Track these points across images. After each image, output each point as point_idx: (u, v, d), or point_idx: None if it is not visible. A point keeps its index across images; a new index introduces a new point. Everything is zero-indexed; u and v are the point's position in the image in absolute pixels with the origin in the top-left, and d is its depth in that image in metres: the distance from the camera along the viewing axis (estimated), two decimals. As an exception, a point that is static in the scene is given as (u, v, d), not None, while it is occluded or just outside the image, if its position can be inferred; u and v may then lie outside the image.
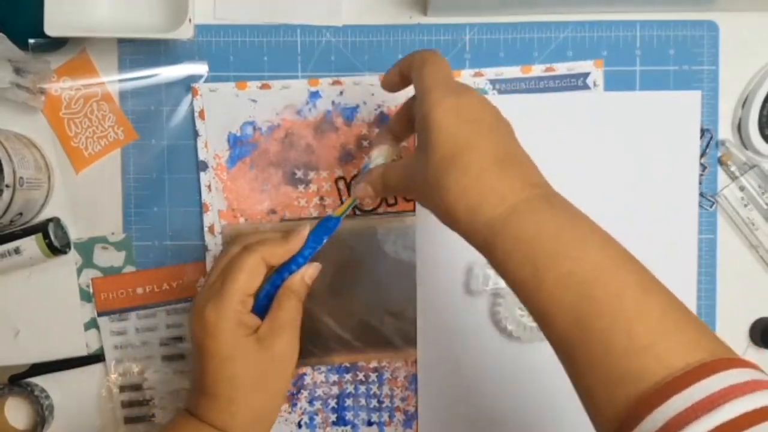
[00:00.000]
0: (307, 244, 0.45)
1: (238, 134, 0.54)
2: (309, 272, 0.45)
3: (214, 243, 0.55)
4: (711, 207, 0.55)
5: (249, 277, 0.43)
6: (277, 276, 0.45)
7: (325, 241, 0.45)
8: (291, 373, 0.44)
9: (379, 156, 0.45)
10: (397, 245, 0.54)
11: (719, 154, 0.55)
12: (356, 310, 0.54)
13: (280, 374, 0.43)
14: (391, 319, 0.54)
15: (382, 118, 0.54)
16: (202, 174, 0.54)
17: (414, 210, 0.54)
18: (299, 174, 0.55)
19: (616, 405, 0.31)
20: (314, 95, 0.54)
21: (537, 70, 0.54)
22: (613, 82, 0.54)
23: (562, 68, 0.54)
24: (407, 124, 0.46)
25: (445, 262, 0.54)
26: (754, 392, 0.28)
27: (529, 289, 0.34)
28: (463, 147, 0.36)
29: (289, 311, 0.44)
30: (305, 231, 0.45)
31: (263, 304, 0.44)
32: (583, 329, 0.32)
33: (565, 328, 0.33)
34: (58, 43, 0.53)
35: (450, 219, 0.37)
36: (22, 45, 0.50)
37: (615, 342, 0.31)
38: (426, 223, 0.54)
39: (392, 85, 0.45)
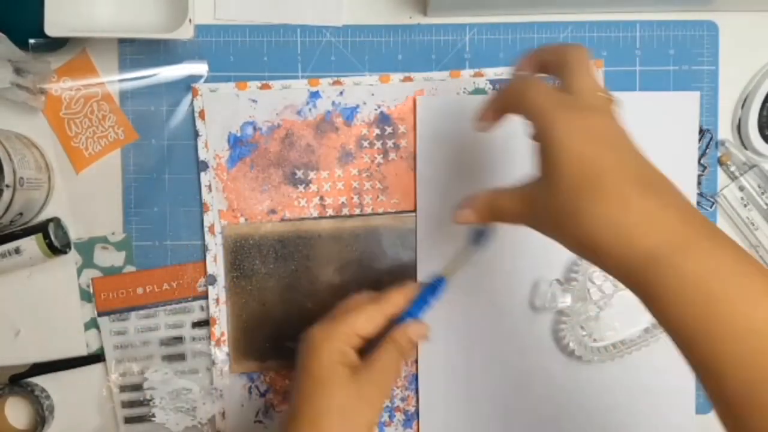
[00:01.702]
0: (417, 302, 0.46)
1: (239, 134, 0.54)
2: (413, 329, 0.45)
3: (214, 243, 0.55)
4: (711, 207, 0.55)
5: (365, 318, 0.44)
6: (387, 330, 0.46)
7: (431, 303, 0.47)
8: (374, 419, 0.44)
9: (486, 229, 0.46)
10: (397, 245, 0.54)
11: (719, 154, 0.55)
12: None
13: (362, 416, 0.43)
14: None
15: (382, 118, 0.54)
16: (202, 174, 0.54)
17: (414, 210, 0.54)
18: (299, 174, 0.55)
19: None
20: (314, 95, 0.54)
21: (537, 70, 0.54)
22: (613, 82, 0.54)
23: (562, 68, 0.54)
24: (504, 111, 0.41)
25: (446, 261, 0.54)
26: None
27: (697, 337, 0.31)
28: (599, 170, 0.34)
29: (387, 359, 0.44)
30: (415, 288, 0.47)
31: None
32: (759, 394, 0.30)
33: (739, 381, 0.30)
34: (58, 43, 0.53)
35: (592, 250, 0.34)
36: (23, 45, 0.50)
37: None
38: (426, 223, 0.54)
39: (492, 118, 0.42)
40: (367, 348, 0.45)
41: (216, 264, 0.55)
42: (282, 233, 0.54)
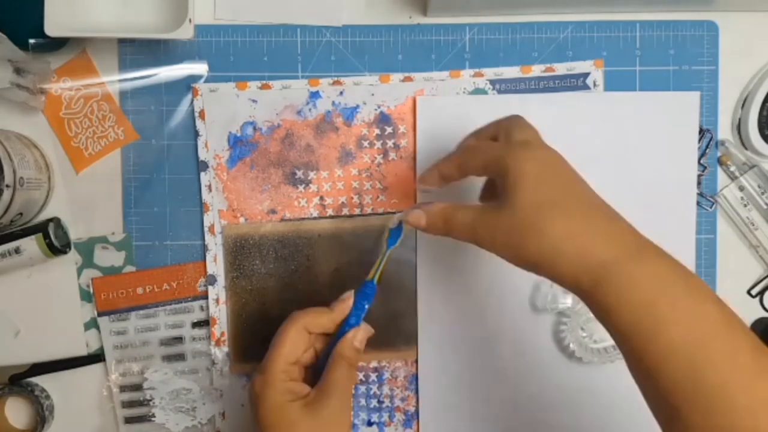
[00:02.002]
0: (352, 311, 0.46)
1: (239, 134, 0.54)
2: (358, 336, 0.46)
3: (214, 243, 0.55)
4: (711, 207, 0.55)
5: (290, 346, 0.44)
6: (330, 346, 0.46)
7: (366, 307, 0.46)
8: None
9: (396, 216, 0.46)
10: (397, 245, 0.54)
11: (719, 154, 0.55)
12: None
13: None
14: (391, 319, 0.54)
15: (382, 118, 0.54)
16: (202, 174, 0.54)
17: (414, 210, 0.54)
18: (299, 174, 0.55)
19: None
20: (314, 95, 0.54)
21: (537, 70, 0.54)
22: (613, 82, 0.54)
23: (561, 68, 0.54)
24: (457, 171, 0.44)
25: (446, 262, 0.54)
26: None
27: (644, 338, 0.34)
28: (562, 191, 0.38)
29: (336, 376, 0.44)
30: (348, 299, 0.46)
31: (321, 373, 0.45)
32: (698, 383, 0.32)
33: (678, 380, 0.33)
34: (58, 44, 0.53)
35: (550, 263, 0.37)
36: (23, 45, 0.50)
37: (736, 399, 0.31)
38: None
39: (447, 177, 0.44)
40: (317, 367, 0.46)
41: (216, 264, 0.55)
42: (282, 233, 0.54)
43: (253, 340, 0.55)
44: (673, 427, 0.34)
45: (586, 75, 0.54)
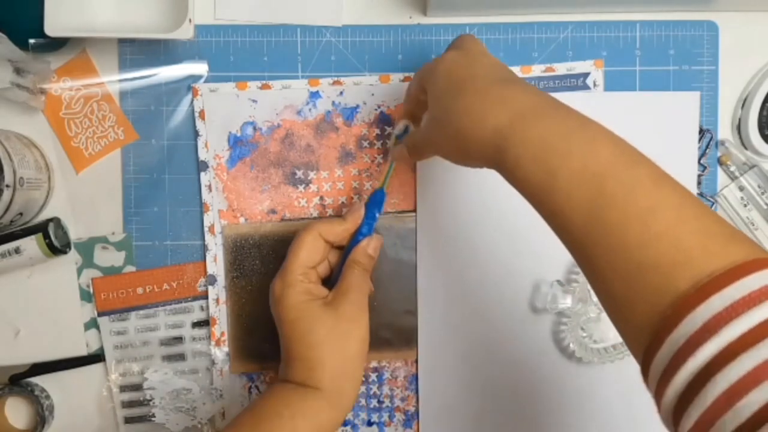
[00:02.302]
0: (364, 220, 0.48)
1: (239, 134, 0.54)
2: (372, 244, 0.49)
3: (214, 243, 0.55)
4: (711, 207, 0.55)
5: (308, 251, 0.47)
6: (344, 256, 0.48)
7: (377, 215, 0.49)
8: (363, 335, 0.46)
9: (401, 120, 0.49)
10: (397, 245, 0.54)
11: (719, 154, 0.55)
12: None
13: (351, 335, 0.46)
14: (391, 319, 0.54)
15: (382, 118, 0.54)
16: (202, 174, 0.54)
17: (414, 210, 0.54)
18: (299, 174, 0.55)
19: (646, 310, 0.30)
20: (314, 95, 0.54)
21: (537, 70, 0.54)
22: (613, 82, 0.54)
23: (561, 68, 0.54)
24: (417, 102, 0.47)
25: (446, 262, 0.54)
26: None
27: (543, 190, 0.34)
28: (465, 77, 0.39)
29: (352, 279, 0.47)
30: (361, 208, 0.49)
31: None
32: (598, 224, 0.32)
33: (580, 225, 0.32)
34: (58, 44, 0.53)
35: (460, 142, 0.38)
36: (23, 45, 0.50)
37: (631, 233, 0.31)
38: (426, 223, 0.54)
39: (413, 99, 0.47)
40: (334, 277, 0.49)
41: (216, 264, 0.55)
42: (282, 233, 0.54)
43: (253, 339, 0.55)
44: (587, 269, 0.33)
45: (586, 75, 0.54)
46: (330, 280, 0.49)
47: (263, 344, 0.55)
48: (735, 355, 0.26)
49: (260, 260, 0.54)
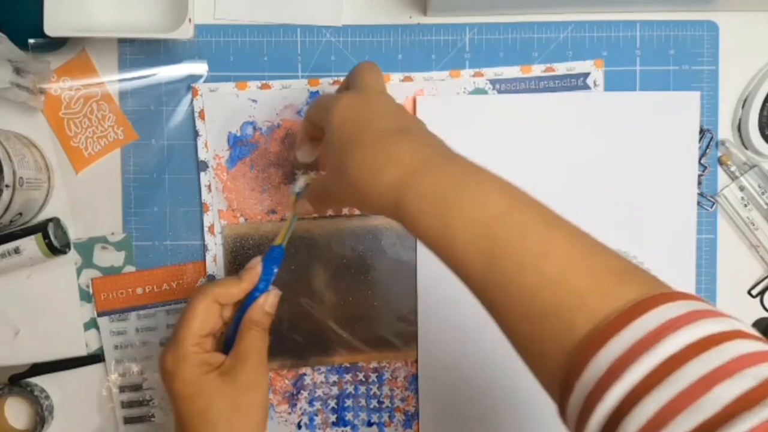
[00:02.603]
0: (262, 276, 0.46)
1: (238, 134, 0.54)
2: (270, 300, 0.45)
3: (214, 243, 0.55)
4: (711, 207, 0.55)
5: (201, 319, 0.43)
6: (240, 313, 0.45)
7: (275, 271, 0.46)
8: (263, 402, 0.44)
9: (302, 176, 0.46)
10: (397, 245, 0.54)
11: (719, 154, 0.55)
12: (356, 309, 0.54)
13: (251, 403, 0.43)
14: (391, 319, 0.54)
15: (382, 118, 0.54)
16: (202, 174, 0.54)
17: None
18: (299, 174, 0.55)
19: (554, 354, 0.30)
20: (314, 95, 0.54)
21: (537, 70, 0.54)
22: (614, 82, 0.54)
23: (561, 68, 0.54)
24: (315, 129, 0.45)
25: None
26: (692, 323, 0.27)
27: (442, 243, 0.34)
28: (360, 128, 0.38)
29: (250, 342, 0.44)
30: (258, 265, 0.46)
31: (232, 342, 0.45)
32: (496, 272, 0.32)
33: (481, 274, 0.33)
34: (58, 43, 0.53)
35: (359, 196, 0.37)
36: (22, 45, 0.50)
37: (527, 280, 0.31)
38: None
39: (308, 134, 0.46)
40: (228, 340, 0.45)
41: (216, 264, 0.55)
42: None
43: None
44: (493, 315, 0.34)
45: (587, 75, 0.54)
46: (225, 335, 0.46)
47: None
48: (639, 399, 0.26)
49: (260, 260, 0.54)
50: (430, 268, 0.54)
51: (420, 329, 0.54)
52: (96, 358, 0.55)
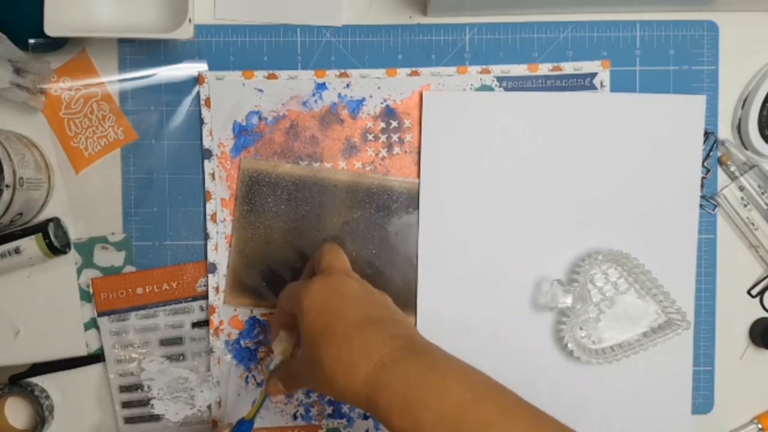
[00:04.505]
0: None
1: (244, 123, 0.54)
2: None
3: (215, 231, 0.54)
4: (713, 210, 0.55)
5: None
6: None
7: None
8: None
9: (278, 355, 0.48)
10: (408, 209, 0.54)
11: (719, 154, 0.55)
12: (360, 267, 0.54)
13: None
14: (391, 282, 0.54)
15: (387, 112, 0.54)
16: (206, 162, 0.54)
17: (416, 207, 0.54)
18: (303, 165, 0.55)
19: None
20: (321, 87, 0.54)
21: (544, 68, 0.54)
22: (614, 82, 0.54)
23: (569, 68, 0.54)
24: (289, 316, 0.47)
25: (447, 259, 0.54)
26: None
27: None
28: (329, 320, 0.41)
29: None
30: None
31: None
32: None
33: None
34: (58, 43, 0.53)
35: (334, 389, 0.40)
36: (22, 45, 0.50)
37: None
38: (428, 218, 0.54)
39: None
40: None
41: (217, 252, 0.54)
42: (299, 176, 0.54)
43: (251, 275, 0.54)
44: None
45: (594, 75, 0.54)
46: None
47: (260, 282, 0.54)
48: None
49: (273, 198, 0.54)
50: (430, 266, 0.54)
51: (420, 324, 0.54)
52: (96, 358, 0.55)
